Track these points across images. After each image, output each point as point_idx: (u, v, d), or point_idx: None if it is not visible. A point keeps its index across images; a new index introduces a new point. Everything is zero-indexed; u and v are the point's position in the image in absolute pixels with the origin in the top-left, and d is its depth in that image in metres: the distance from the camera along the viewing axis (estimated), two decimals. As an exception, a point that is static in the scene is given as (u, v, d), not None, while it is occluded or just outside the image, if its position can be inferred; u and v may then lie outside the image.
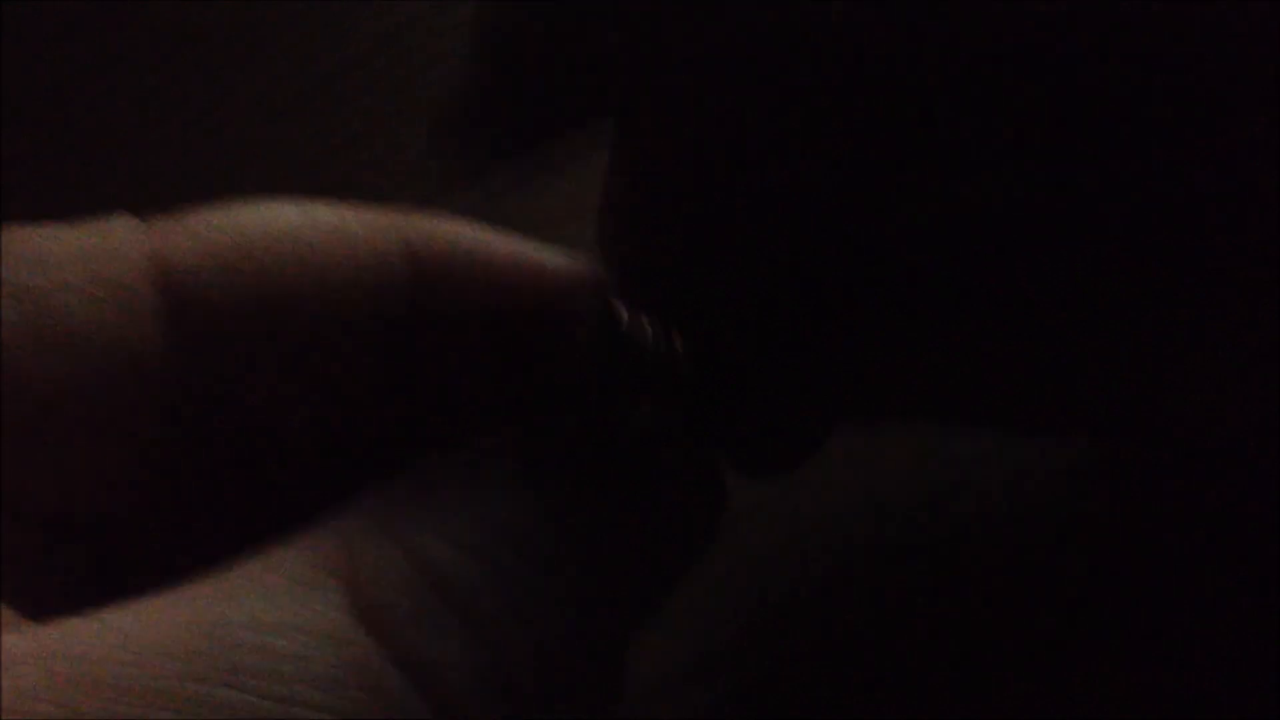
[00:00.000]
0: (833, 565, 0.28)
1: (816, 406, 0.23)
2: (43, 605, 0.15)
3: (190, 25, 0.38)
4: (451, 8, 0.38)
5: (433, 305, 0.19)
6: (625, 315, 0.20)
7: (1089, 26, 0.17)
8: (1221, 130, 0.18)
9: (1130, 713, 0.25)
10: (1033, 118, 0.18)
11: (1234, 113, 0.18)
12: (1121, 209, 0.19)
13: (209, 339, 0.18)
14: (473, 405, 0.19)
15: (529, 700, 0.15)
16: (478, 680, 0.15)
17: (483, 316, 0.19)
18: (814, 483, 0.29)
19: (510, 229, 0.20)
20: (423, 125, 0.36)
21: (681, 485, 0.19)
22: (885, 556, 0.28)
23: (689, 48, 0.20)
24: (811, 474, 0.29)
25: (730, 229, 0.20)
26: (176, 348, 0.18)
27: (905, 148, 0.19)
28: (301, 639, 0.14)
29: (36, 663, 0.13)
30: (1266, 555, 0.26)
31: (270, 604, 0.14)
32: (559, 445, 0.17)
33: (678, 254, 0.21)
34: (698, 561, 0.19)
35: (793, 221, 0.20)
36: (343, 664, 0.14)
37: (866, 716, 0.26)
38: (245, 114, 0.36)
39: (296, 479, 0.19)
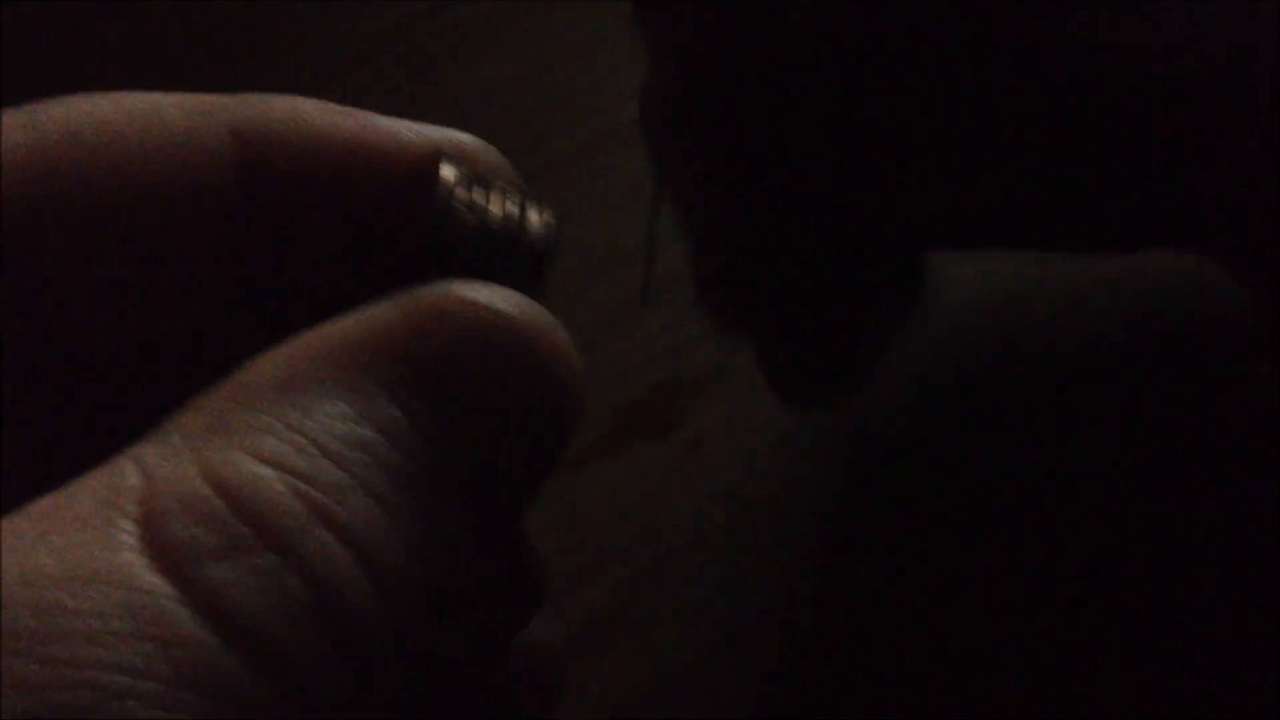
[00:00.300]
0: (826, 567, 0.28)
1: (863, 335, 0.23)
2: None
3: (190, 25, 0.38)
4: (451, 8, 0.38)
5: (264, 186, 0.17)
6: (466, 191, 0.17)
7: None
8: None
9: (1130, 713, 0.25)
10: None
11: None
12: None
13: (12, 246, 0.16)
14: (316, 289, 0.17)
15: (371, 638, 0.13)
16: (294, 620, 0.13)
17: (318, 194, 0.17)
18: (808, 482, 0.29)
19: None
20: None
21: (515, 373, 0.15)
22: (880, 557, 0.28)
23: None
24: (811, 474, 0.29)
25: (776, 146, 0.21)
26: None
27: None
28: (86, 591, 0.12)
29: None
30: (1266, 555, 0.26)
31: (54, 552, 0.12)
32: (389, 343, 0.14)
33: (724, 165, 0.22)
34: (555, 454, 0.16)
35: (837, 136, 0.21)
36: (132, 615, 0.12)
37: (864, 714, 0.26)
38: (245, 114, 0.36)
39: (129, 385, 0.17)
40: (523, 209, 0.17)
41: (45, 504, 0.13)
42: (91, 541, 0.12)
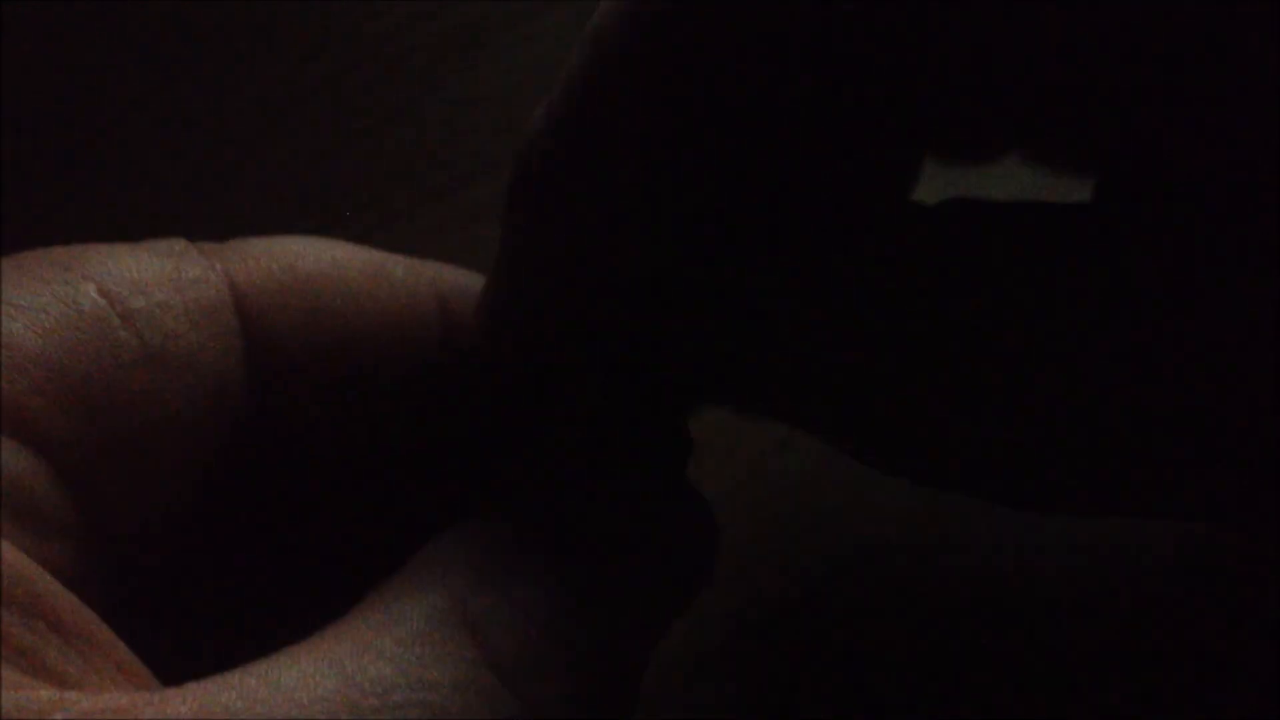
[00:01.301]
0: (826, 566, 0.28)
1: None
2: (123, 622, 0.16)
3: (190, 25, 0.38)
4: (451, 8, 0.38)
5: (458, 355, 0.20)
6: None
7: None
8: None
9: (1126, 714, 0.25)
10: None
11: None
12: None
13: (276, 369, 0.19)
14: (485, 446, 0.21)
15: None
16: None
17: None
18: (808, 483, 0.29)
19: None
20: (421, 126, 0.36)
21: (683, 535, 0.20)
22: (879, 558, 0.28)
23: None
24: (811, 475, 0.29)
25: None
26: (252, 375, 0.19)
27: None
28: (450, 696, 0.15)
29: None
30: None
31: (416, 659, 0.15)
32: (582, 509, 0.19)
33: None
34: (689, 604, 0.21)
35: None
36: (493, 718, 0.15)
37: (867, 713, 0.26)
38: (245, 114, 0.36)
39: (335, 503, 0.20)
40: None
41: (377, 614, 0.16)
42: (444, 653, 0.16)
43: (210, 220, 0.34)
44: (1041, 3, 0.16)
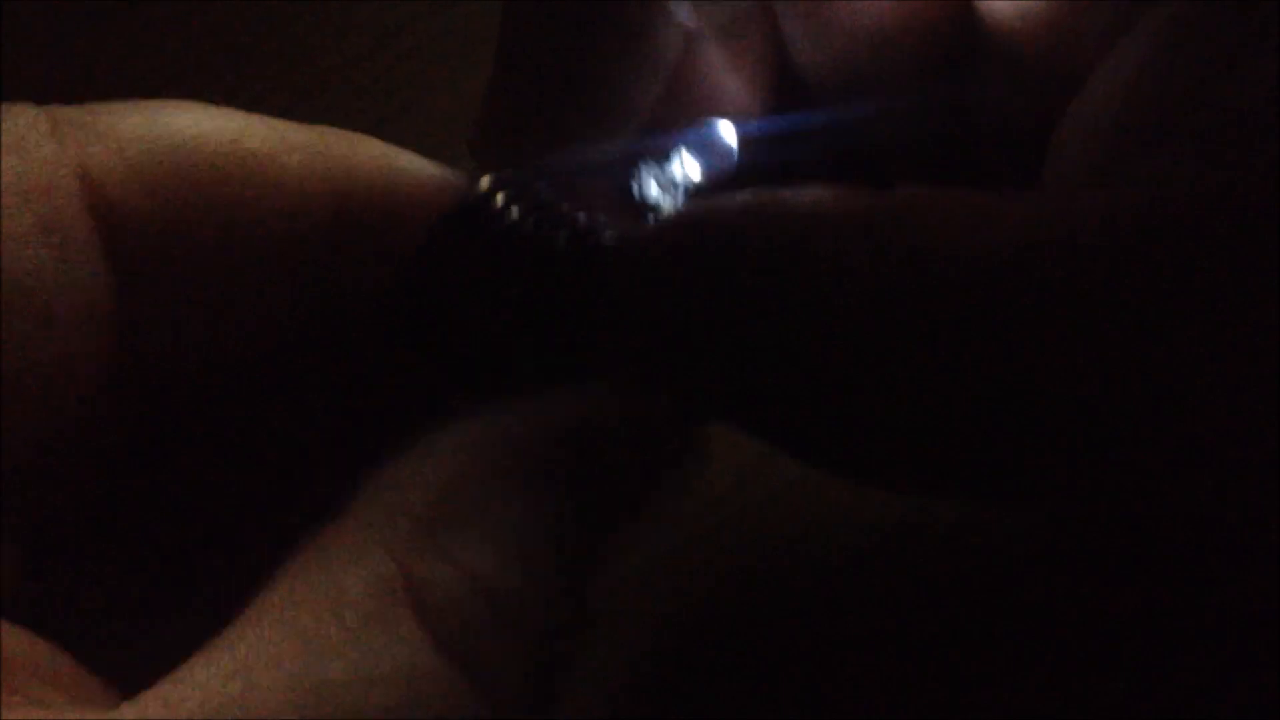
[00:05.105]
0: (826, 568, 0.28)
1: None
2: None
3: (191, 25, 0.38)
4: (451, 8, 0.38)
5: (348, 239, 0.18)
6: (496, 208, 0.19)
7: None
8: None
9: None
10: None
11: None
12: None
13: (144, 275, 0.17)
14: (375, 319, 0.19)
15: (554, 700, 0.16)
16: (534, 694, 0.15)
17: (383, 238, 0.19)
18: (807, 483, 0.29)
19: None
20: (421, 125, 0.36)
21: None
22: (881, 559, 0.28)
23: None
24: (810, 476, 0.29)
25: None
26: (117, 287, 0.17)
27: None
28: (401, 689, 0.14)
29: None
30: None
31: (360, 652, 0.14)
32: (555, 436, 0.17)
33: None
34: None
35: None
36: (442, 707, 0.14)
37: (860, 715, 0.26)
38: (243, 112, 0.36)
39: (233, 412, 0.19)
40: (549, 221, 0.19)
41: (315, 596, 0.15)
42: (389, 640, 0.14)
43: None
44: None
